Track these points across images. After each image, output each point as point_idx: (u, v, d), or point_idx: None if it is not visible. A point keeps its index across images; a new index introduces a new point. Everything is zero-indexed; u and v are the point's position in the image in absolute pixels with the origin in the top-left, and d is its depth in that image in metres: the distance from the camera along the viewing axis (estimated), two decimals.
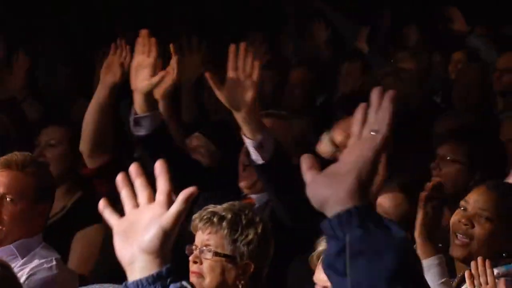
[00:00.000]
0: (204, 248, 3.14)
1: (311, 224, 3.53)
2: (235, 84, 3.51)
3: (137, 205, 1.76)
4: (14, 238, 3.41)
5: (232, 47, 3.53)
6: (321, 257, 2.49)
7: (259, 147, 3.52)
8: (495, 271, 3.05)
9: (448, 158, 3.81)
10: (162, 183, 1.75)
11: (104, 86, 4.06)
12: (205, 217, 3.16)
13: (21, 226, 3.42)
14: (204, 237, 3.15)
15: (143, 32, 3.74)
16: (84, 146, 4.20)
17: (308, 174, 1.64)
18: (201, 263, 3.18)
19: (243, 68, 3.50)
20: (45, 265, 3.38)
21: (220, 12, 8.83)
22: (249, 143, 3.56)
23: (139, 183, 1.77)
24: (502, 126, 4.44)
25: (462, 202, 3.20)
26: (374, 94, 1.70)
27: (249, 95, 3.48)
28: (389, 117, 1.66)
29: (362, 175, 1.60)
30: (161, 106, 3.99)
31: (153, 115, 3.74)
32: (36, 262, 3.40)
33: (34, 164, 3.51)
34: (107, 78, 4.06)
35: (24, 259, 3.40)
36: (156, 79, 3.70)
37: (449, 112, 5.25)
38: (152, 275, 1.69)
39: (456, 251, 3.14)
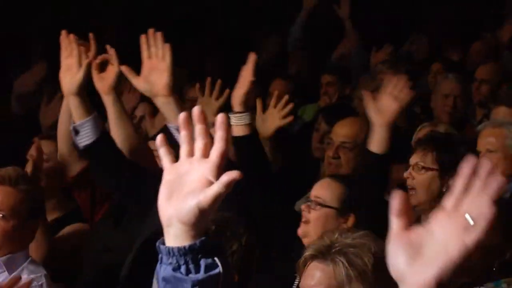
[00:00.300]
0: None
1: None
2: (150, 71, 3.57)
3: (192, 153, 1.64)
4: (3, 253, 3.41)
5: (142, 37, 3.58)
6: (308, 263, 2.51)
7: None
8: None
9: (419, 166, 3.88)
10: (219, 140, 1.61)
11: None
12: None
13: (11, 242, 3.42)
14: None
15: (63, 33, 3.72)
16: (61, 152, 4.19)
17: (395, 221, 1.45)
18: None
19: (156, 54, 3.56)
20: (35, 283, 3.38)
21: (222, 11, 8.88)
22: (172, 129, 3.58)
23: (199, 130, 1.64)
24: (479, 136, 4.50)
25: None
26: (484, 168, 1.46)
27: (164, 78, 3.54)
28: (489, 213, 1.49)
29: (442, 277, 1.42)
30: (108, 101, 3.87)
31: (92, 119, 3.68)
32: (24, 278, 3.34)
33: (26, 180, 3.50)
34: None
35: (12, 274, 3.38)
36: (81, 73, 3.66)
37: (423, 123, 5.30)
38: (184, 247, 1.63)
39: None
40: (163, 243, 1.66)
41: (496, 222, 3.12)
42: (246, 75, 3.81)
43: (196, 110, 1.62)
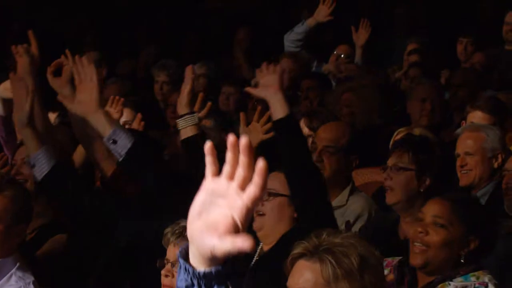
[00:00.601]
0: (176, 262, 3.24)
1: None
2: (81, 93, 3.76)
3: (233, 176, 1.65)
4: None
5: (73, 66, 3.79)
6: (296, 262, 2.54)
7: (112, 143, 3.70)
8: (452, 284, 3.19)
9: (397, 166, 3.97)
10: (255, 185, 1.62)
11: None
12: (177, 231, 3.25)
13: None
14: (176, 251, 3.25)
15: (10, 75, 3.90)
16: None
17: None
18: (173, 277, 3.27)
19: (85, 77, 3.75)
20: None
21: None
22: (106, 143, 3.73)
23: (242, 161, 1.64)
24: (458, 140, 4.60)
25: (419, 214, 3.32)
26: None
27: (92, 95, 3.71)
28: None
29: None
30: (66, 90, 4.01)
31: (45, 149, 3.80)
32: (13, 284, 3.41)
33: (11, 186, 3.51)
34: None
35: (1, 281, 3.41)
36: (27, 104, 3.78)
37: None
38: (199, 272, 1.67)
39: (414, 259, 3.26)
40: (184, 256, 1.71)
41: (460, 216, 3.25)
42: (187, 75, 4.07)
43: (243, 141, 1.63)
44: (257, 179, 1.62)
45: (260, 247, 3.69)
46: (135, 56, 8.37)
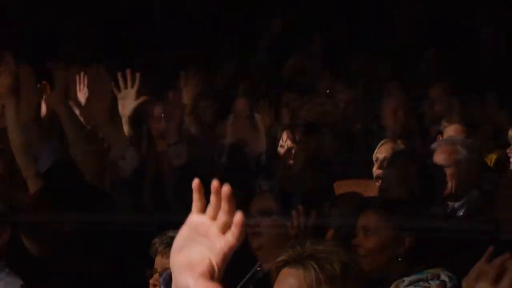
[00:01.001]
0: (164, 272, 3.34)
1: None
2: (95, 103, 3.95)
3: (215, 218, 1.73)
4: None
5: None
6: (281, 270, 2.61)
7: (121, 158, 3.84)
8: (407, 279, 3.36)
9: (397, 180, 4.14)
10: (233, 235, 1.71)
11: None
12: (165, 241, 3.35)
13: None
14: (164, 261, 3.33)
15: None
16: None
17: None
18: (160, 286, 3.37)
19: (100, 85, 3.93)
20: None
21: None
22: (114, 157, 3.89)
23: (224, 208, 1.71)
24: (434, 153, 4.73)
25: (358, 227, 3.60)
26: None
27: (106, 105, 3.86)
28: None
29: None
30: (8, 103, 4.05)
31: (49, 144, 3.94)
32: None
33: None
34: None
35: None
36: (34, 102, 3.93)
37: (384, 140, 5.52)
38: None
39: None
40: (167, 282, 1.80)
41: (387, 220, 3.50)
42: None
43: (225, 189, 1.70)
44: (234, 229, 1.71)
45: (259, 264, 3.74)
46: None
